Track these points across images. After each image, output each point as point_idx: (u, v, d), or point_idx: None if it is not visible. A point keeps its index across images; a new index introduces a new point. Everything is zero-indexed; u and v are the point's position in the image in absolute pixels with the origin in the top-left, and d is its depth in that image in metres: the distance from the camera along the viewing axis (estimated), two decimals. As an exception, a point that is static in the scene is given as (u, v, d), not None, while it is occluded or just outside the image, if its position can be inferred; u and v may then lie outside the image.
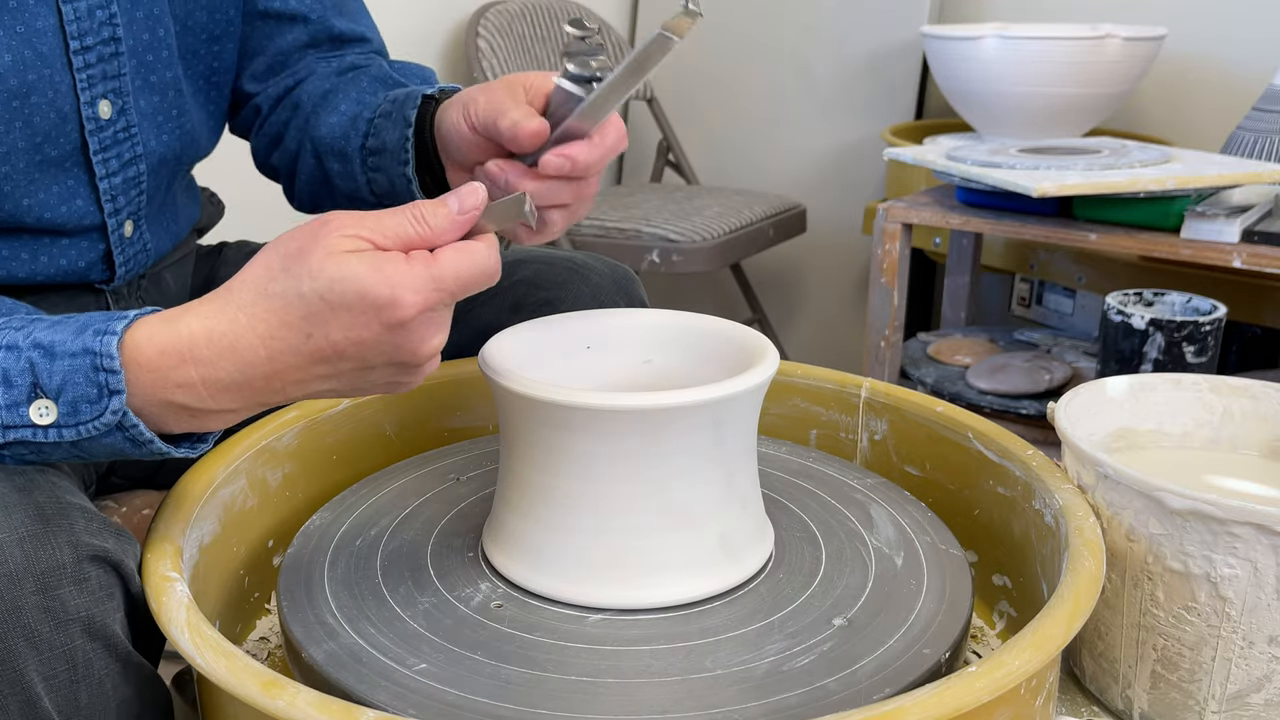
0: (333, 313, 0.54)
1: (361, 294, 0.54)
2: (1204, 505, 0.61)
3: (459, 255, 0.56)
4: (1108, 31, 1.69)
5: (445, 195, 0.58)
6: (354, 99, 0.86)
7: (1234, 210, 1.34)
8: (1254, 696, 0.64)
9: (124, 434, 0.55)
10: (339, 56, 0.91)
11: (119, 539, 0.59)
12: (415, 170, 0.80)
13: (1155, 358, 1.29)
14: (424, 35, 1.98)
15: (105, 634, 0.57)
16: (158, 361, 0.54)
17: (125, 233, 0.80)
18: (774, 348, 0.66)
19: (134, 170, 0.79)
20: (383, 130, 0.81)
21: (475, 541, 0.69)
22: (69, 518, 0.56)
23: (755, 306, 2.28)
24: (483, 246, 0.57)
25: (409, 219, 0.57)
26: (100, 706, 0.57)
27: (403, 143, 0.80)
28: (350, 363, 0.56)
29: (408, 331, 0.55)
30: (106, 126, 0.76)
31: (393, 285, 0.54)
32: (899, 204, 1.53)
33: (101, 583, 0.56)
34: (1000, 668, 0.51)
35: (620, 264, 0.95)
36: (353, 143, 0.84)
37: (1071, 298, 1.89)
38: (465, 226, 0.58)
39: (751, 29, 2.28)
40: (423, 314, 0.55)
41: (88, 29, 0.73)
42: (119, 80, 0.76)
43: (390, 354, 0.56)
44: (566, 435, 0.61)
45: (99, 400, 0.54)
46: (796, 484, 0.77)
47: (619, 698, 0.55)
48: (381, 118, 0.82)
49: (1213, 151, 1.58)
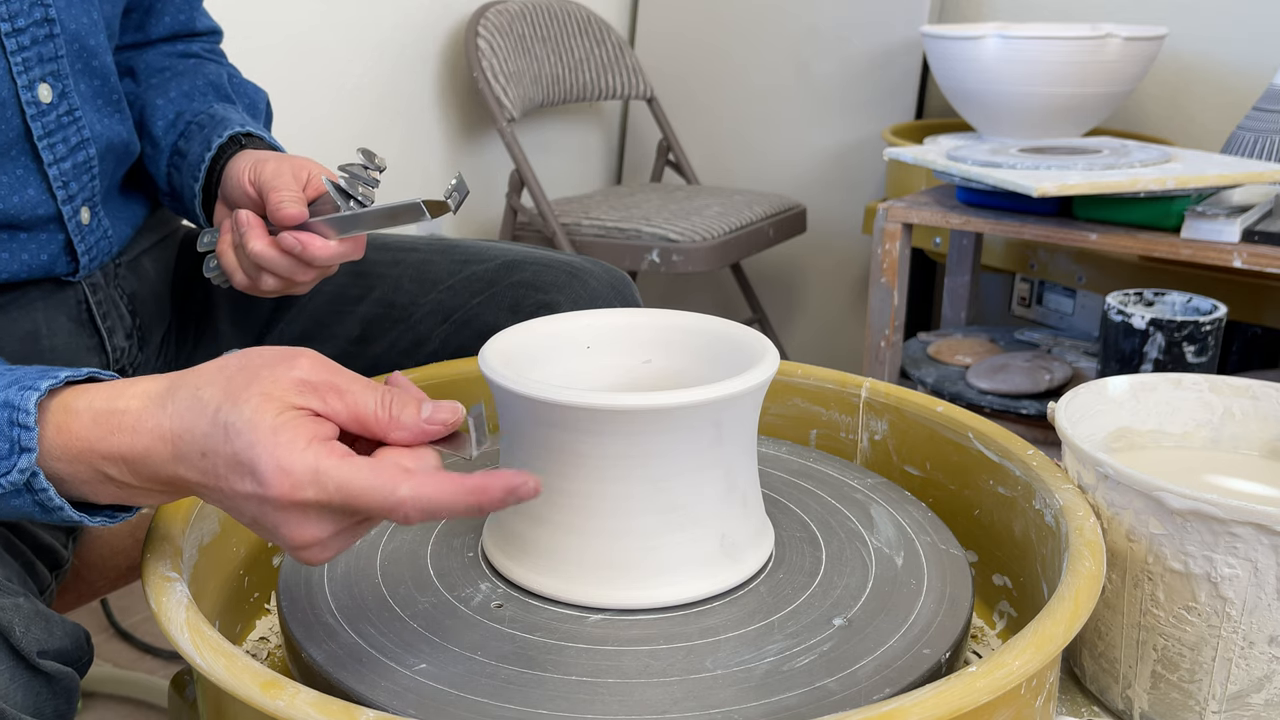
0: (226, 445, 0.51)
1: (250, 447, 0.50)
2: (1204, 505, 0.61)
3: (362, 469, 0.50)
4: (1108, 31, 1.69)
5: (427, 401, 0.55)
6: (184, 92, 0.90)
7: (1234, 210, 1.34)
8: (1254, 696, 0.64)
9: (32, 497, 0.52)
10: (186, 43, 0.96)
11: None
12: (201, 188, 0.86)
13: (1155, 358, 1.29)
14: (424, 35, 1.98)
15: None
16: (89, 429, 0.52)
17: (83, 220, 0.81)
18: (774, 348, 0.66)
19: (83, 155, 0.80)
20: (192, 139, 0.86)
21: (475, 541, 0.69)
22: None
23: (755, 306, 2.28)
24: (392, 483, 0.50)
25: (377, 400, 0.53)
26: None
27: (199, 162, 0.85)
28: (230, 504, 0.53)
29: (274, 509, 0.51)
30: (49, 111, 0.76)
31: (274, 459, 0.50)
32: (899, 204, 1.53)
33: None
34: (1000, 668, 0.51)
35: (616, 268, 0.95)
36: (167, 137, 0.88)
37: (1071, 298, 1.89)
38: (426, 437, 0.54)
39: (751, 29, 2.28)
40: (292, 502, 0.50)
41: (18, 10, 0.73)
42: (57, 63, 0.76)
43: (260, 519, 0.52)
44: (566, 435, 0.61)
45: (8, 456, 0.51)
46: (796, 484, 0.77)
47: (619, 698, 0.55)
48: (196, 126, 0.86)
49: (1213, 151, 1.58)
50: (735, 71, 2.32)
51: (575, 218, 1.93)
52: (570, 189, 2.32)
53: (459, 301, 0.91)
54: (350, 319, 0.93)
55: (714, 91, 2.35)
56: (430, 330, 0.91)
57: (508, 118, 1.94)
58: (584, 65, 2.17)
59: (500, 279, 0.91)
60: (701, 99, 2.35)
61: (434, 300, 0.91)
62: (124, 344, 0.88)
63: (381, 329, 0.92)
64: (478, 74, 1.93)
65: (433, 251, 0.94)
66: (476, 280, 0.91)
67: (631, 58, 2.24)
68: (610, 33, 2.23)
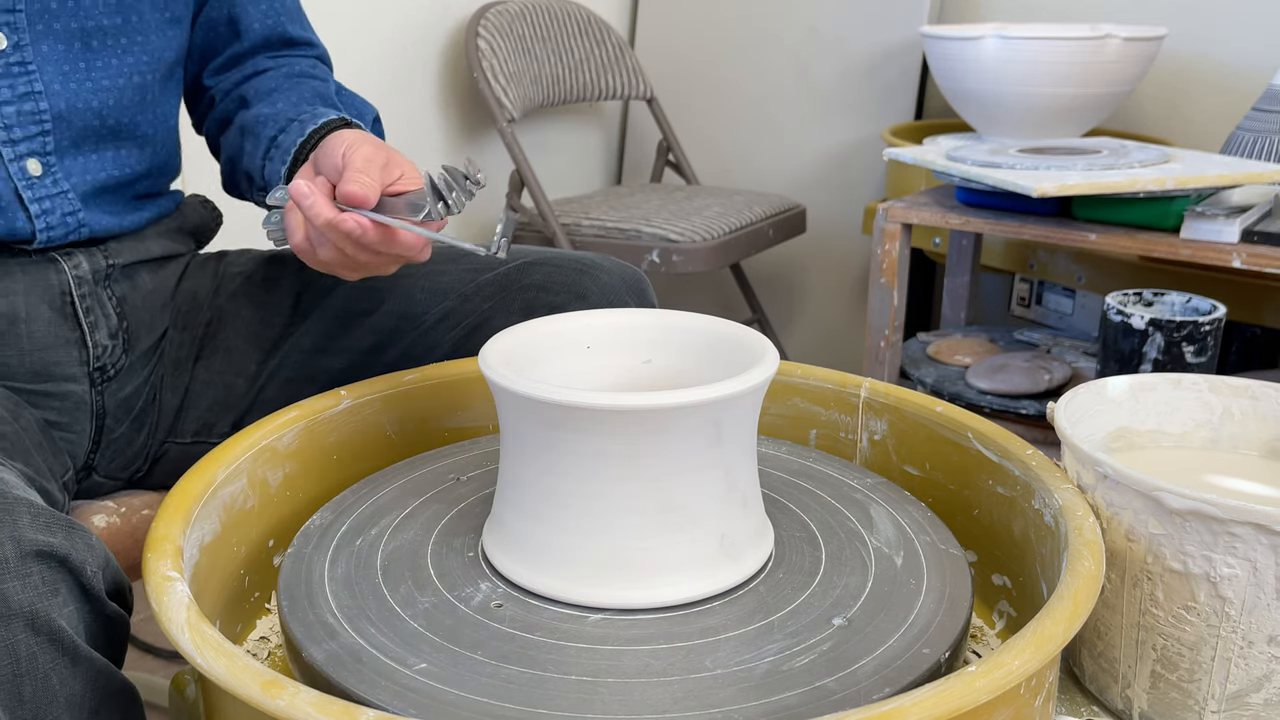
0: None
1: None
2: (1204, 505, 0.61)
3: None
4: (1107, 32, 1.69)
5: None
6: (291, 100, 0.91)
7: (1234, 210, 1.34)
8: (1253, 696, 0.64)
9: None
10: (287, 57, 0.98)
11: (69, 534, 0.60)
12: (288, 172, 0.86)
13: (1155, 358, 1.29)
14: (424, 35, 1.98)
15: (50, 629, 0.57)
16: None
17: (30, 171, 0.82)
18: (774, 348, 0.66)
19: (31, 105, 0.81)
20: (290, 132, 0.87)
21: (475, 541, 0.69)
22: (12, 513, 0.58)
23: (755, 306, 2.28)
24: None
25: None
26: (46, 700, 0.58)
27: (291, 146, 0.85)
28: None
29: None
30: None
31: None
32: (899, 204, 1.53)
33: (45, 578, 0.58)
34: (1000, 668, 0.51)
35: (630, 265, 0.95)
36: (268, 131, 0.88)
37: (1071, 298, 1.89)
38: None
39: (751, 30, 2.28)
40: None
41: None
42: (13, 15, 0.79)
43: None
44: (566, 435, 0.61)
45: None
46: (796, 484, 0.77)
47: (619, 698, 0.55)
48: (297, 123, 0.87)
49: (1213, 151, 1.58)
50: (735, 72, 2.32)
51: (575, 218, 1.93)
52: (570, 189, 2.32)
53: (470, 307, 0.91)
54: (361, 330, 0.92)
55: (714, 92, 2.35)
56: (442, 336, 0.91)
57: (508, 118, 1.94)
58: (584, 66, 2.17)
59: (511, 283, 0.91)
60: (701, 99, 2.35)
61: (445, 308, 0.91)
62: (107, 342, 0.88)
63: (393, 339, 0.92)
64: (478, 74, 1.93)
65: (444, 261, 0.94)
66: (488, 286, 0.91)
67: (631, 58, 2.24)
68: (610, 33, 2.23)
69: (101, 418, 0.88)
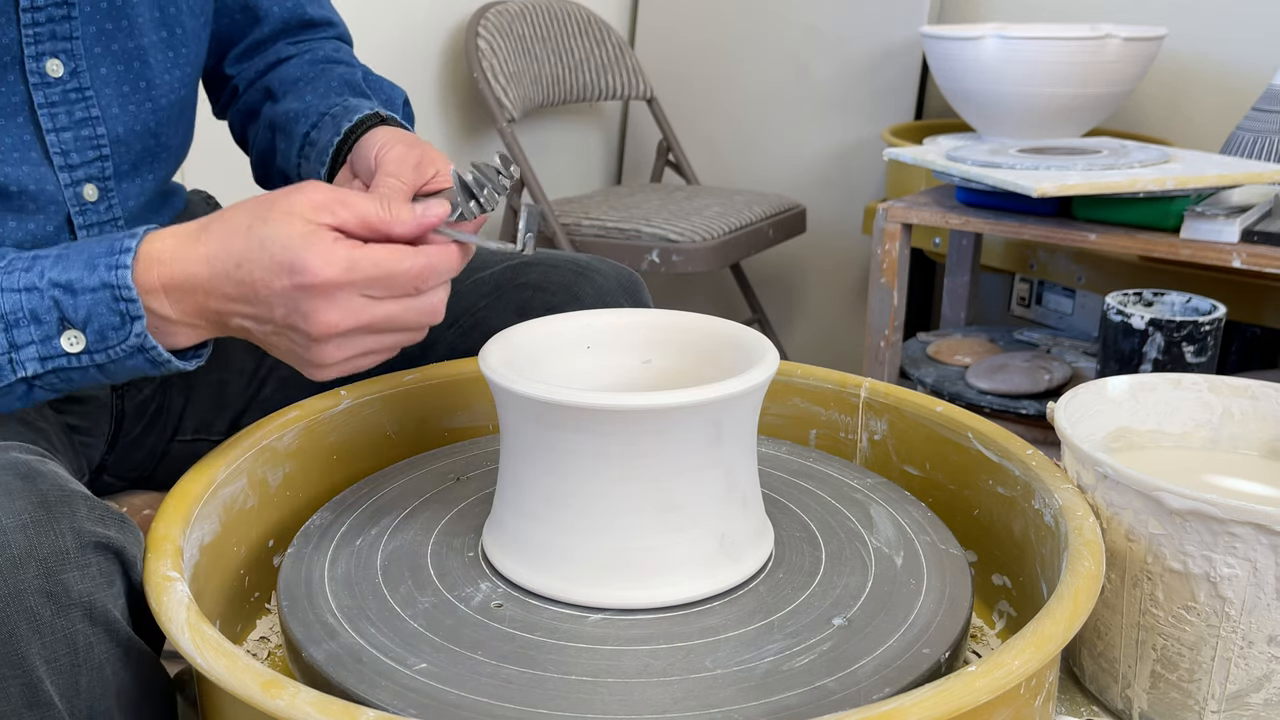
0: (262, 253, 0.61)
1: (285, 249, 0.61)
2: (1204, 505, 0.61)
3: (384, 250, 0.63)
4: (1107, 32, 1.69)
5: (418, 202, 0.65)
6: (320, 92, 0.90)
7: (1234, 210, 1.34)
8: (1253, 696, 0.64)
9: (144, 355, 0.63)
10: (308, 41, 0.97)
11: (121, 526, 0.60)
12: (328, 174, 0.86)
13: (1155, 358, 1.29)
14: (424, 35, 1.98)
15: (106, 619, 0.58)
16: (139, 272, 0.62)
17: (86, 196, 0.80)
18: (774, 348, 0.66)
19: (89, 131, 0.79)
20: (324, 129, 0.86)
21: (475, 541, 0.69)
22: (71, 505, 0.57)
23: (755, 306, 2.28)
24: (411, 252, 0.63)
25: (377, 203, 0.64)
26: (100, 690, 0.58)
27: (328, 148, 0.85)
28: (262, 307, 0.63)
29: (310, 296, 0.61)
30: (55, 84, 0.77)
31: (312, 253, 0.61)
32: (899, 204, 1.53)
33: (102, 569, 0.58)
34: (1000, 668, 0.51)
35: (625, 267, 0.95)
36: (300, 128, 0.88)
37: (1071, 298, 1.89)
38: (420, 230, 0.65)
39: (751, 29, 2.29)
40: (329, 286, 0.61)
41: None
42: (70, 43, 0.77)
43: (290, 310, 0.62)
44: (566, 435, 0.61)
45: (122, 326, 0.62)
46: (796, 484, 0.77)
47: (619, 698, 0.55)
48: (329, 118, 0.86)
49: (1213, 151, 1.58)
50: (735, 72, 2.32)
51: (575, 218, 1.93)
52: (570, 189, 2.32)
53: (465, 305, 0.91)
54: None
55: (714, 92, 2.35)
56: (438, 334, 0.91)
57: (508, 118, 1.94)
58: (584, 66, 2.17)
59: (507, 282, 0.91)
60: (701, 99, 2.35)
61: None
62: None
63: None
64: (478, 74, 1.93)
65: None
66: (483, 284, 0.91)
67: (631, 58, 2.24)
68: (610, 33, 2.23)
69: (120, 421, 0.88)
